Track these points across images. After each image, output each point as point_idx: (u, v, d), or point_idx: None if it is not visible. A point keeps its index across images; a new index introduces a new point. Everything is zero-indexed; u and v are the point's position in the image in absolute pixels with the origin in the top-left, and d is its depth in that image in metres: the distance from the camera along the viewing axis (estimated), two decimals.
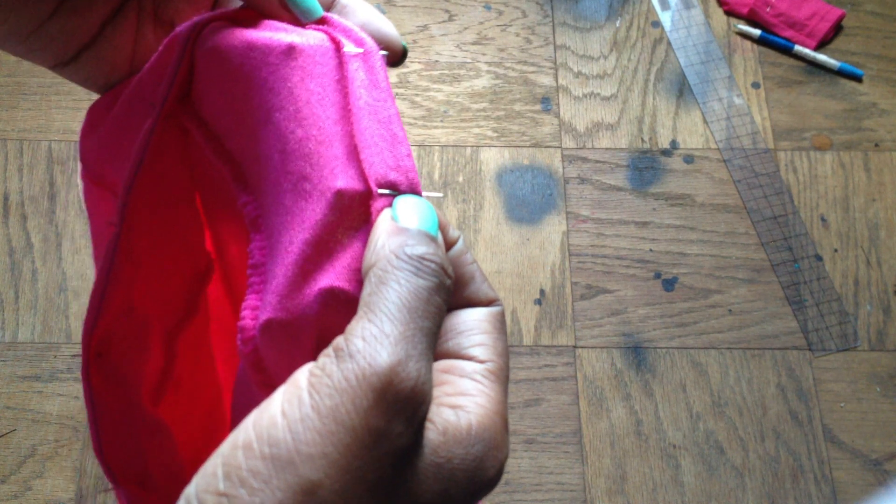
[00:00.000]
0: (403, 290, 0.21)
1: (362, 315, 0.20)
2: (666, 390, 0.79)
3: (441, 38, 0.94)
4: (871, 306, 0.82)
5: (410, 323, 0.20)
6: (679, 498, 0.75)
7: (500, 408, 0.23)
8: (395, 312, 0.20)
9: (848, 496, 0.75)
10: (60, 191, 0.86)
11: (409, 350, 0.20)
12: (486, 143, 0.89)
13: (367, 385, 0.19)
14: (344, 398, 0.18)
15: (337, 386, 0.18)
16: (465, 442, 0.21)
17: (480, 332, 0.24)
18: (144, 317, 0.30)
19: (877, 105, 0.91)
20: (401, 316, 0.20)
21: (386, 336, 0.19)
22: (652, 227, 0.86)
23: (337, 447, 0.18)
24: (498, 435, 0.22)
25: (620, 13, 0.96)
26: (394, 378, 0.19)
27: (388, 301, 0.20)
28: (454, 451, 0.20)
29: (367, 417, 0.18)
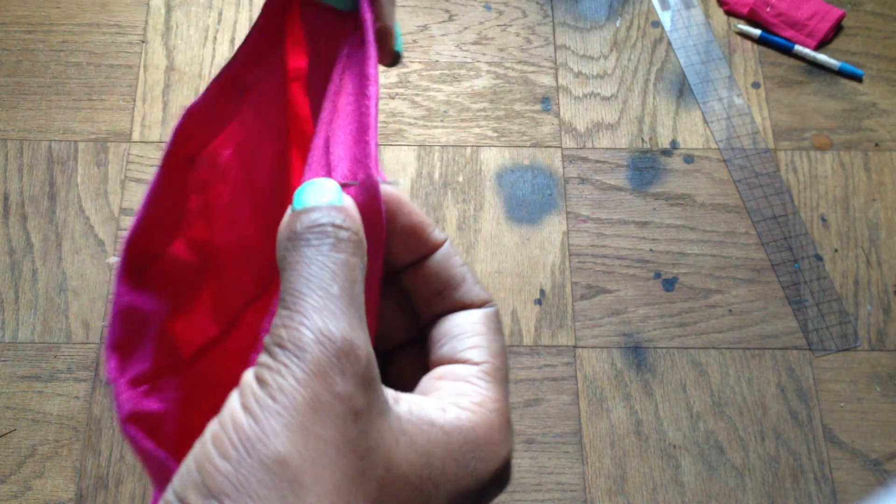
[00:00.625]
0: (304, 269, 0.21)
1: (281, 308, 0.20)
2: (666, 390, 0.79)
3: (441, 38, 0.94)
4: (871, 306, 0.82)
5: (323, 293, 0.20)
6: (679, 498, 0.75)
7: (497, 406, 0.22)
8: (305, 291, 0.20)
9: (848, 496, 0.75)
10: (60, 191, 0.86)
11: (336, 314, 0.20)
12: (486, 143, 0.89)
13: (312, 368, 0.19)
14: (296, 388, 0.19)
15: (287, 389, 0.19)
16: (451, 433, 0.21)
17: (474, 335, 0.24)
18: (213, 264, 0.29)
19: (877, 105, 0.91)
20: (312, 292, 0.20)
21: (309, 316, 0.20)
22: (652, 227, 0.86)
23: (296, 417, 0.18)
24: (495, 433, 0.22)
25: (620, 13, 0.96)
26: (327, 341, 0.19)
27: (294, 285, 0.20)
28: (434, 437, 0.20)
29: (317, 385, 0.19)
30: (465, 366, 0.23)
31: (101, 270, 0.82)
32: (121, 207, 0.85)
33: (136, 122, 0.89)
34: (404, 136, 0.89)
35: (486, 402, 0.22)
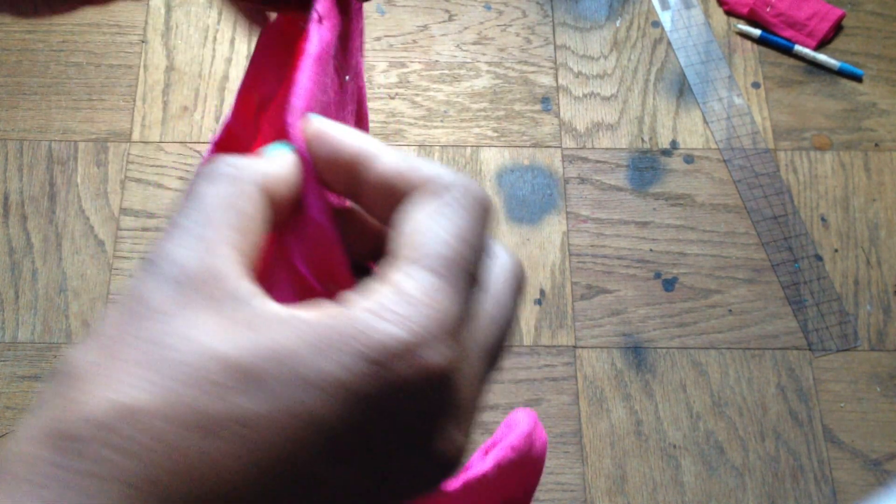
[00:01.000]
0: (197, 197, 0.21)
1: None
2: (666, 390, 0.79)
3: (441, 38, 0.94)
4: (871, 306, 0.82)
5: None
6: (679, 498, 0.75)
7: (404, 297, 0.18)
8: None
9: (848, 496, 0.75)
10: (60, 191, 0.86)
11: (182, 233, 0.20)
12: (486, 143, 0.89)
13: (137, 270, 0.21)
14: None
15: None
16: (317, 324, 0.18)
17: (416, 222, 0.20)
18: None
19: (877, 105, 0.91)
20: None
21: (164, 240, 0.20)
22: (652, 227, 0.86)
23: (101, 322, 0.19)
24: (368, 325, 0.17)
25: (620, 13, 0.96)
26: (147, 258, 0.20)
27: (179, 212, 0.21)
28: (273, 336, 0.18)
29: (133, 284, 0.19)
30: (394, 265, 0.20)
31: (101, 270, 0.82)
32: (121, 207, 0.85)
33: (135, 122, 0.89)
34: (404, 136, 0.89)
35: (375, 291, 0.19)
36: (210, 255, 0.19)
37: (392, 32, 0.94)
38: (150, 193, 0.86)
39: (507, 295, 0.21)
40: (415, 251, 0.19)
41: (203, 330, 0.18)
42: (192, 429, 0.17)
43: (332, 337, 0.18)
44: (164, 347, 0.18)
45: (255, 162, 0.22)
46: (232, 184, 0.21)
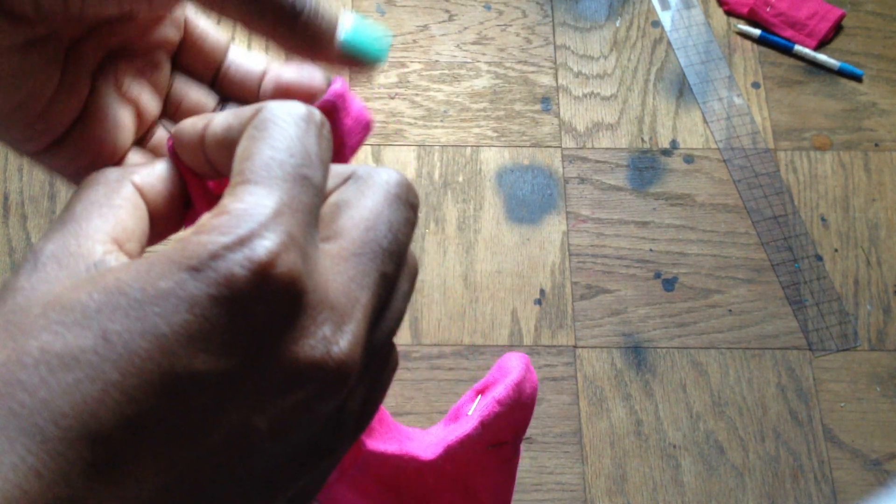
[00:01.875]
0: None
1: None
2: (666, 390, 0.79)
3: (441, 38, 0.94)
4: (871, 306, 0.82)
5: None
6: (679, 498, 0.75)
7: (227, 208, 0.19)
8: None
9: (848, 496, 0.75)
10: (60, 191, 0.86)
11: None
12: (486, 143, 0.89)
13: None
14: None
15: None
16: (153, 260, 0.19)
17: (235, 157, 0.20)
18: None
19: (877, 105, 0.91)
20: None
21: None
22: (652, 227, 0.86)
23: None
24: (198, 243, 0.18)
25: (620, 13, 0.96)
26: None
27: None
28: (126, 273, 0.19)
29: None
30: (227, 190, 0.20)
31: None
32: None
33: None
34: (404, 136, 0.89)
35: (201, 219, 0.19)
36: (72, 238, 0.21)
37: (392, 32, 0.94)
38: None
39: (382, 203, 0.21)
40: (233, 175, 0.20)
41: (52, 288, 0.19)
42: (43, 367, 0.17)
43: (156, 260, 0.18)
44: (19, 312, 0.19)
45: (128, 167, 0.24)
46: (103, 185, 0.23)
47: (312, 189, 0.20)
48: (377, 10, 0.95)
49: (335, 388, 0.19)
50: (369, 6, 0.96)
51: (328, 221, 0.21)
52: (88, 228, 0.21)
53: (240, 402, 0.18)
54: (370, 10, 0.95)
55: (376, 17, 0.95)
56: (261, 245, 0.18)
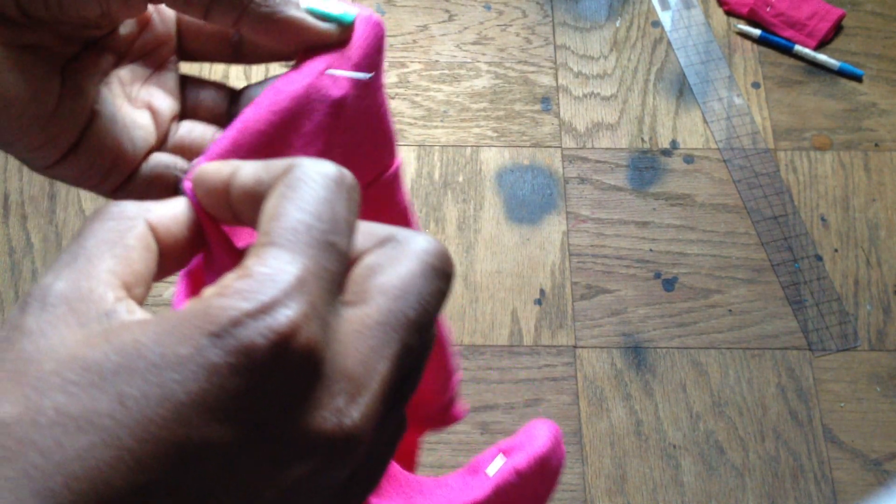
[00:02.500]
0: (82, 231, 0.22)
1: None
2: (666, 390, 0.79)
3: (441, 38, 0.94)
4: (871, 306, 0.82)
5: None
6: (679, 498, 0.75)
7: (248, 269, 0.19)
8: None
9: (848, 496, 0.75)
10: (60, 191, 0.86)
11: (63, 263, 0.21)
12: (486, 143, 0.89)
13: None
14: None
15: None
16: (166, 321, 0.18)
17: (264, 213, 0.20)
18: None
19: (877, 105, 0.91)
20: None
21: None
22: (652, 227, 0.86)
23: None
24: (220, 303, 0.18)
25: (620, 13, 0.96)
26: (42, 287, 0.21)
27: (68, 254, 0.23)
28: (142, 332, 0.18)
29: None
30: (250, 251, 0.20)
31: None
32: None
33: None
34: (404, 136, 0.89)
35: (224, 279, 0.19)
36: (83, 280, 0.20)
37: (392, 32, 0.94)
38: None
39: (416, 271, 0.21)
40: (260, 234, 0.20)
41: (66, 341, 0.19)
42: (59, 429, 0.17)
43: (177, 323, 0.18)
44: (30, 362, 0.18)
45: (143, 203, 0.23)
46: (117, 221, 0.22)
47: (338, 256, 0.20)
48: (377, 10, 0.95)
49: (344, 460, 0.19)
50: (369, 6, 0.96)
51: (358, 283, 0.21)
52: (100, 270, 0.20)
53: (250, 471, 0.18)
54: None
55: None
56: (283, 314, 0.18)
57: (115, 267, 0.21)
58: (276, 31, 0.26)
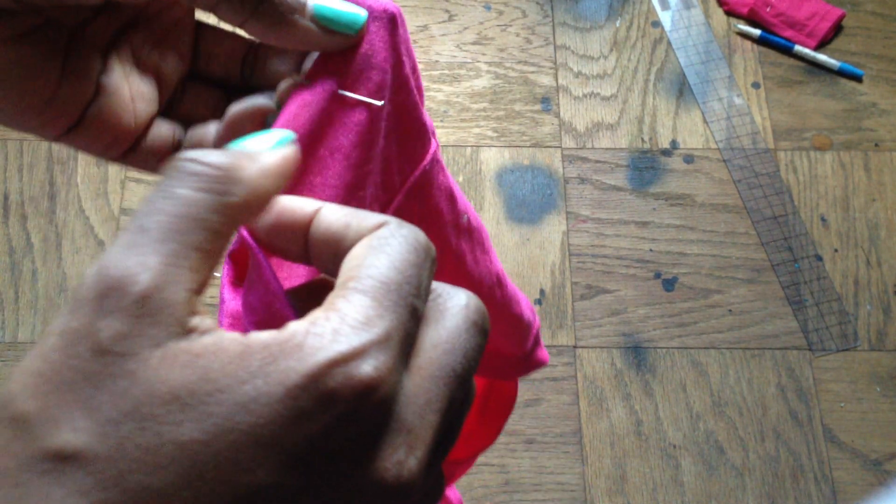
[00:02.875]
0: (153, 203, 0.20)
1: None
2: (666, 390, 0.79)
3: (441, 38, 0.94)
4: (871, 306, 0.82)
5: (134, 228, 0.19)
6: (679, 498, 0.75)
7: (337, 314, 0.19)
8: (125, 227, 0.20)
9: (848, 496, 0.75)
10: (60, 191, 0.86)
11: (132, 247, 0.19)
12: (486, 143, 0.89)
13: (71, 304, 0.19)
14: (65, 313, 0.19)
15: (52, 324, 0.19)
16: (238, 352, 0.18)
17: (351, 259, 0.21)
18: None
19: (877, 105, 0.91)
20: (126, 228, 0.20)
21: (106, 252, 0.19)
22: (652, 227, 0.86)
23: (41, 348, 0.19)
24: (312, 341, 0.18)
25: (620, 13, 0.96)
26: (103, 274, 0.19)
27: (135, 219, 0.20)
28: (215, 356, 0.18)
29: (68, 319, 0.18)
30: (332, 294, 0.20)
31: None
32: (121, 207, 0.85)
33: None
34: None
35: (312, 317, 0.19)
36: (164, 280, 0.19)
37: None
38: None
39: (461, 328, 0.22)
40: (351, 278, 0.20)
41: (145, 367, 0.18)
42: (133, 464, 0.17)
43: (265, 357, 0.18)
44: (105, 390, 0.18)
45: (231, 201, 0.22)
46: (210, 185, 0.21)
47: (416, 320, 0.21)
48: None
49: (402, 501, 0.20)
50: None
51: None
52: (183, 272, 0.19)
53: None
54: None
55: None
56: (370, 364, 0.19)
57: (197, 276, 0.20)
58: (283, 36, 0.26)
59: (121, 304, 0.18)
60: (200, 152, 0.20)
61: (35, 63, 0.25)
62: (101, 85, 0.27)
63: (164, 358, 0.18)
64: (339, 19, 0.26)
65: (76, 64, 0.26)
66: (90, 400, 0.18)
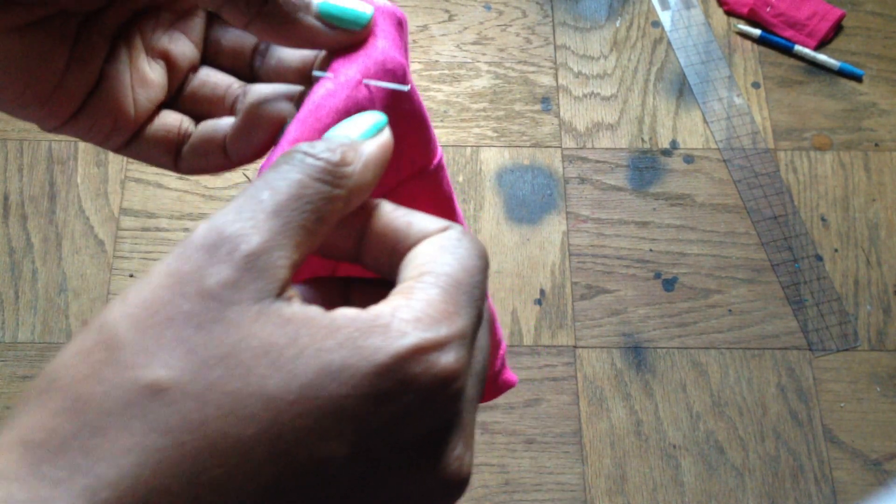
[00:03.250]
0: (269, 180, 0.21)
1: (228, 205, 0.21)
2: (666, 390, 0.79)
3: (441, 38, 0.94)
4: (871, 306, 0.82)
5: (247, 199, 0.20)
6: (679, 498, 0.75)
7: (420, 304, 0.20)
8: (236, 198, 0.20)
9: (848, 496, 0.75)
10: (60, 191, 0.86)
11: (243, 214, 0.20)
12: (486, 143, 0.89)
13: (180, 250, 0.19)
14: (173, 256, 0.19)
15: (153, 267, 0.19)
16: (327, 324, 0.19)
17: (423, 255, 0.22)
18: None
19: (877, 105, 0.91)
20: (240, 198, 0.20)
21: (216, 215, 0.20)
22: (652, 227, 0.86)
23: (144, 285, 0.19)
24: (382, 327, 0.19)
25: (620, 13, 0.96)
26: (212, 231, 0.19)
27: (251, 191, 0.21)
28: (307, 323, 0.19)
29: (175, 262, 0.19)
30: (405, 284, 0.21)
31: (101, 270, 0.82)
32: (121, 207, 0.85)
33: None
34: None
35: (393, 303, 0.20)
36: (272, 245, 0.20)
37: None
38: (150, 193, 0.86)
39: (486, 333, 0.23)
40: (426, 273, 0.21)
41: (242, 318, 0.19)
42: (218, 410, 0.18)
43: (353, 331, 0.19)
44: (204, 333, 0.18)
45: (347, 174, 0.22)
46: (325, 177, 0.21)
47: (479, 322, 0.21)
48: None
49: (455, 499, 0.21)
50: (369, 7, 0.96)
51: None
52: (288, 245, 0.20)
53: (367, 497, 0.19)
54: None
55: None
56: (451, 356, 0.19)
57: (303, 248, 0.21)
58: (289, 36, 0.26)
59: (231, 256, 0.19)
60: (313, 145, 0.22)
61: (42, 53, 0.25)
62: (103, 71, 0.27)
63: (260, 313, 0.19)
64: (345, 16, 0.26)
65: (83, 51, 0.26)
66: (188, 340, 0.18)
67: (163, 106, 0.29)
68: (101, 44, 0.27)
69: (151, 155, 0.29)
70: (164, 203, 0.85)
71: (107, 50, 0.27)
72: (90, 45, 0.26)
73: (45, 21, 0.25)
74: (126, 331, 0.18)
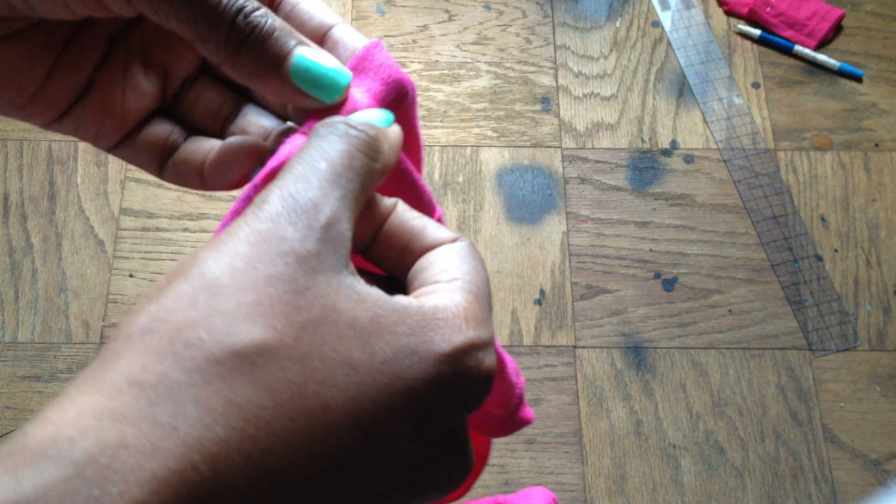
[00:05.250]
0: (302, 151, 0.21)
1: (279, 176, 0.21)
2: (666, 390, 0.79)
3: (441, 38, 0.94)
4: (871, 306, 0.82)
5: (306, 167, 0.21)
6: (679, 498, 0.75)
7: (455, 306, 0.21)
8: (292, 164, 0.21)
9: (848, 496, 0.75)
10: (60, 191, 0.86)
11: (312, 183, 0.20)
12: (486, 143, 0.89)
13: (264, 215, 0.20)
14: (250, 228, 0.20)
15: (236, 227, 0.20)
16: (400, 309, 0.20)
17: (444, 262, 0.23)
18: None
19: (877, 105, 0.91)
20: (297, 166, 0.21)
21: (283, 181, 0.21)
22: (652, 227, 0.86)
23: (233, 246, 0.19)
24: (439, 325, 0.20)
25: (620, 13, 0.96)
26: (289, 197, 0.20)
27: (288, 163, 0.21)
28: (383, 305, 0.20)
29: (262, 226, 0.20)
30: (436, 285, 0.22)
31: (101, 270, 0.82)
32: (121, 207, 0.85)
33: None
34: None
35: (442, 300, 0.21)
36: (340, 216, 0.21)
37: (392, 32, 0.94)
38: (150, 193, 0.86)
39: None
40: (456, 279, 0.22)
41: (329, 286, 0.20)
42: (314, 374, 0.19)
43: (418, 320, 0.20)
44: (302, 297, 0.19)
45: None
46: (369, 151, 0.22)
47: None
48: (377, 10, 0.95)
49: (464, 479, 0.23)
50: (369, 6, 0.96)
51: None
52: (349, 214, 0.21)
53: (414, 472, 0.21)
54: (370, 11, 0.95)
55: (376, 18, 0.95)
56: (491, 361, 0.21)
57: (353, 214, 0.22)
58: (261, 86, 0.25)
59: (313, 226, 0.20)
60: (351, 117, 0.23)
61: (20, 63, 0.25)
62: (94, 77, 0.27)
63: (341, 285, 0.20)
64: (319, 82, 0.25)
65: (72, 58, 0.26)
66: (289, 303, 0.19)
67: (158, 112, 0.28)
68: (93, 50, 0.27)
69: (139, 160, 0.29)
70: (164, 203, 0.85)
71: (100, 56, 0.27)
72: (82, 51, 0.26)
73: (29, 30, 0.25)
74: (229, 280, 0.19)
